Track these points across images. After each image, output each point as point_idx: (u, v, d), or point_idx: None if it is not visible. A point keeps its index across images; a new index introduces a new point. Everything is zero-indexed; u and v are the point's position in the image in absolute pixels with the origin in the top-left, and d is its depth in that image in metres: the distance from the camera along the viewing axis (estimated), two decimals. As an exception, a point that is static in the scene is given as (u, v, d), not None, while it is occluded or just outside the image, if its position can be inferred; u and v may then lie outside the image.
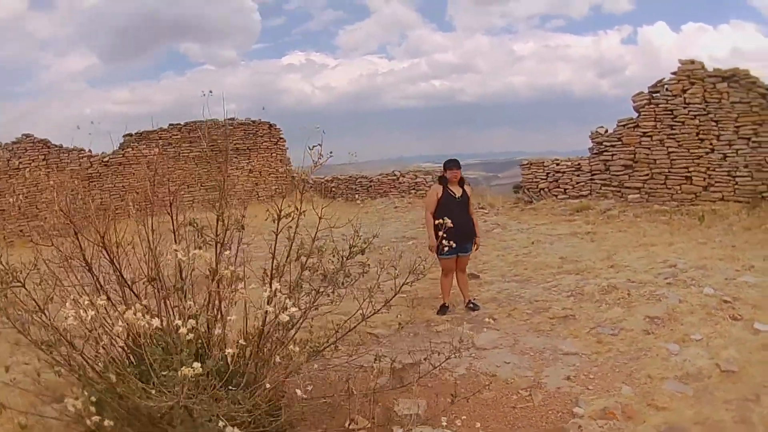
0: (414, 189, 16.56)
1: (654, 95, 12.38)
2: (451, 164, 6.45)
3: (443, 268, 6.46)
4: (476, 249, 6.66)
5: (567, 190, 13.77)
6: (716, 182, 11.74)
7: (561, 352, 5.23)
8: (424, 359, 4.07)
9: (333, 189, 17.86)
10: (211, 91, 3.84)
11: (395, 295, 3.81)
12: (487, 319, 6.15)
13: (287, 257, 3.60)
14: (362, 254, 3.60)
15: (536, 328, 5.91)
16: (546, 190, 14.03)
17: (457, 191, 6.40)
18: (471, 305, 6.57)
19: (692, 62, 11.91)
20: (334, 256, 3.55)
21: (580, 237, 10.26)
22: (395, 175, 17.00)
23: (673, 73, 12.09)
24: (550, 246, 9.74)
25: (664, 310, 6.01)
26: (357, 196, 17.05)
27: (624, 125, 12.83)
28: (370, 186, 17.31)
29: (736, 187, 11.48)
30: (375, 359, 3.85)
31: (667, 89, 12.16)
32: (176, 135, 17.57)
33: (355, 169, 19.48)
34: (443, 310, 6.50)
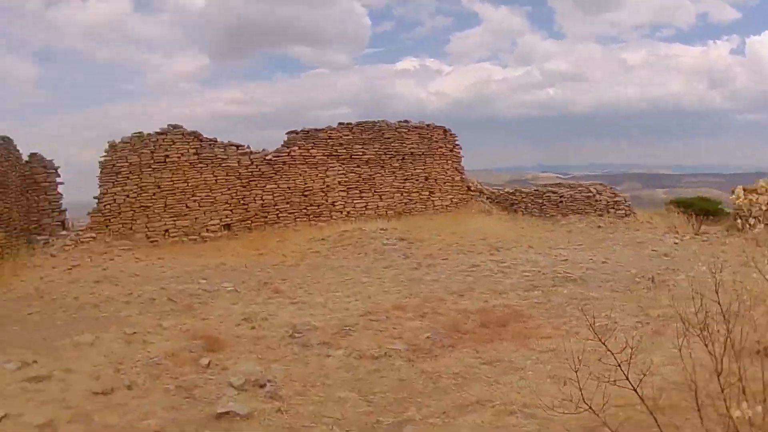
0: (613, 208, 15.94)
1: None
2: None
3: None
4: None
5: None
6: None
7: None
8: None
9: (515, 203, 17.46)
10: None
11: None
12: None
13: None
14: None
15: None
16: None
17: None
18: None
19: None
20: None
21: None
22: (590, 191, 16.38)
23: None
24: None
25: None
26: (547, 212, 16.55)
27: None
28: (561, 202, 16.73)
29: None
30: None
31: None
32: (347, 135, 16.73)
33: (476, 177, 18.86)
34: None
